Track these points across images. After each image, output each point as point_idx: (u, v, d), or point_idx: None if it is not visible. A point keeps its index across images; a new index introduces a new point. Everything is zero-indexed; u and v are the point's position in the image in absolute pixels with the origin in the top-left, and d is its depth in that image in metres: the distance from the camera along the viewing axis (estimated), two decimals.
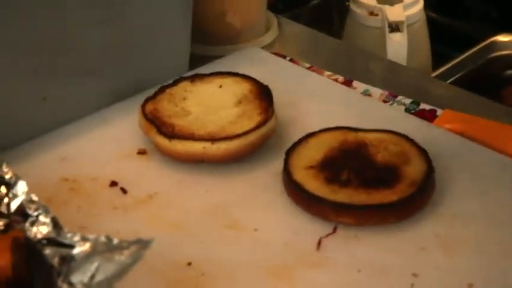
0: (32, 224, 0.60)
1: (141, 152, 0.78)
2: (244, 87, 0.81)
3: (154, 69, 0.88)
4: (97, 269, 0.53)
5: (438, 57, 1.23)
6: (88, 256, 0.55)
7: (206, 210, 0.71)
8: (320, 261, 0.65)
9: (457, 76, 1.18)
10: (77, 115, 0.82)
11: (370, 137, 0.75)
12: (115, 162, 0.77)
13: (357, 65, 1.01)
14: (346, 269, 0.64)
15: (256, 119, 0.76)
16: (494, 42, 1.25)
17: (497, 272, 0.64)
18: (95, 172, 0.75)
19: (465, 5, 1.40)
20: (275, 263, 0.65)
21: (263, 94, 0.80)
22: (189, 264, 0.65)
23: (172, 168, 0.76)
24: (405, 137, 0.75)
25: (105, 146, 0.79)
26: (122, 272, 0.52)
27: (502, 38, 1.26)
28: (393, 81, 0.94)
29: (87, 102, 0.83)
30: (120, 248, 0.54)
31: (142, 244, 0.53)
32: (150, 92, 0.84)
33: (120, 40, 0.84)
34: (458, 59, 1.21)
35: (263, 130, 0.75)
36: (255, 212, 0.71)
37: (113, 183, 0.74)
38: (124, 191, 0.73)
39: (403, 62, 1.08)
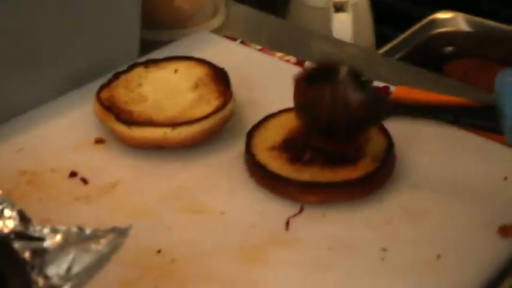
0: None
1: (99, 141, 0.77)
2: (199, 71, 0.81)
3: (105, 55, 0.87)
4: (73, 260, 0.52)
5: (379, 37, 1.24)
6: (61, 248, 0.54)
7: (171, 196, 0.70)
8: (290, 241, 0.65)
9: (400, 54, 1.20)
10: (30, 105, 0.80)
11: None
12: (73, 152, 0.75)
13: (305, 45, 1.01)
14: (317, 248, 0.65)
15: (215, 102, 0.76)
16: (434, 20, 1.27)
17: (463, 242, 0.65)
18: (53, 163, 0.74)
19: None
20: (245, 245, 0.65)
21: (219, 77, 0.79)
22: (159, 251, 0.64)
23: (131, 156, 0.75)
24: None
25: (62, 135, 0.78)
26: (102, 261, 0.51)
27: (441, 15, 1.28)
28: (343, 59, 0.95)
29: (41, 91, 0.81)
30: (95, 237, 0.53)
31: (119, 232, 0.52)
32: (103, 79, 0.83)
33: (71, 26, 0.83)
34: (400, 38, 1.23)
35: (223, 113, 0.75)
36: (220, 196, 0.70)
37: (73, 174, 0.72)
38: (85, 181, 0.72)
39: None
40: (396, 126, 0.74)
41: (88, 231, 0.55)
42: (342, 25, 1.12)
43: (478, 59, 1.26)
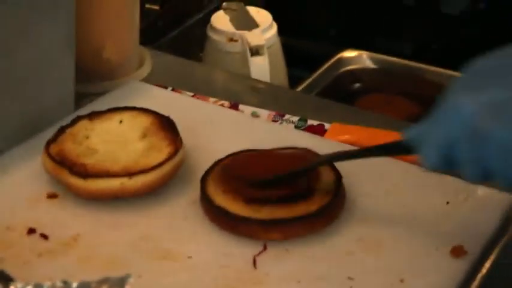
0: None
1: (52, 196, 0.76)
2: (144, 120, 0.82)
3: (41, 110, 0.87)
4: None
5: (291, 79, 1.29)
6: None
7: (135, 245, 0.71)
8: (260, 278, 0.67)
9: (313, 93, 1.25)
10: None
11: (276, 155, 0.79)
12: (26, 209, 0.75)
13: (233, 88, 1.04)
14: (287, 282, 0.67)
15: (166, 149, 0.77)
16: (341, 59, 1.34)
17: (422, 265, 0.69)
18: (7, 221, 0.73)
19: (306, 27, 1.48)
20: (218, 286, 0.66)
21: (166, 125, 0.81)
22: None
23: (88, 208, 0.75)
24: (308, 151, 0.79)
25: (12, 193, 0.77)
26: None
27: (347, 54, 1.34)
28: (277, 101, 0.98)
29: None
30: None
31: (114, 282, 0.53)
32: (42, 135, 0.83)
33: (4, 82, 0.82)
34: (312, 78, 1.28)
35: (176, 160, 0.77)
36: (183, 241, 0.72)
37: (31, 231, 0.72)
38: (45, 236, 0.71)
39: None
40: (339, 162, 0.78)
41: (75, 284, 0.56)
42: (260, 68, 1.16)
43: (383, 93, 1.33)
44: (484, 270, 0.70)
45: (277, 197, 0.73)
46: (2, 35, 0.79)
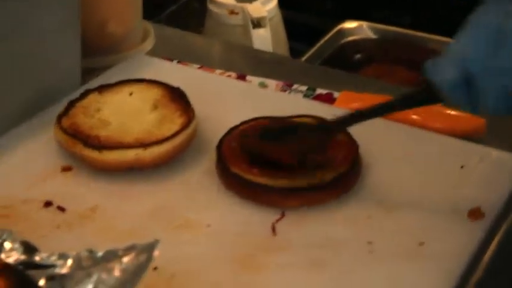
0: None
1: (66, 169, 0.76)
2: (154, 92, 0.81)
3: (49, 85, 0.86)
4: (98, 282, 0.52)
5: (292, 52, 1.29)
6: (79, 271, 0.54)
7: (153, 214, 0.71)
8: (280, 244, 0.67)
9: (315, 65, 1.24)
10: None
11: (290, 123, 0.78)
12: (42, 183, 0.75)
13: (238, 59, 1.04)
14: (308, 248, 0.67)
15: (179, 120, 0.77)
16: (341, 30, 1.33)
17: (440, 228, 0.69)
18: (24, 195, 0.73)
19: (304, 0, 1.48)
20: (239, 254, 0.66)
21: (177, 96, 0.81)
22: (155, 268, 0.64)
23: (103, 180, 0.75)
24: (321, 119, 0.79)
25: (25, 168, 0.77)
26: (133, 277, 0.51)
27: (347, 25, 1.34)
28: (283, 71, 0.98)
29: None
30: (115, 256, 0.53)
31: (142, 248, 0.53)
32: (50, 109, 0.83)
33: (12, 58, 0.82)
34: (313, 50, 1.28)
35: (189, 130, 0.76)
36: (201, 209, 0.72)
37: (48, 203, 0.72)
38: (62, 209, 0.71)
39: None
40: (353, 129, 0.78)
41: (100, 253, 0.55)
42: (262, 39, 1.16)
43: (385, 63, 1.33)
44: (501, 231, 0.70)
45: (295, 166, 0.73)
46: (7, 12, 0.78)
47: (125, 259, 0.53)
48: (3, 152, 0.78)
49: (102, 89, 0.82)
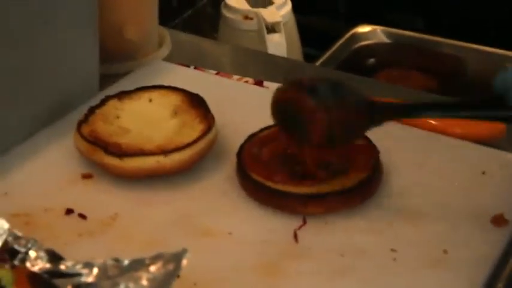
0: (22, 260, 0.57)
1: (87, 176, 0.76)
2: (174, 99, 0.81)
3: (67, 93, 0.86)
4: None
5: (305, 57, 1.28)
6: (106, 280, 0.54)
7: (174, 222, 0.71)
8: (302, 252, 0.67)
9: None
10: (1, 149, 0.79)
11: None
12: (62, 190, 0.74)
13: (254, 65, 1.03)
14: (330, 255, 0.67)
15: (199, 126, 0.77)
16: (355, 35, 1.33)
17: (464, 235, 0.69)
18: (45, 203, 0.73)
19: (317, 4, 1.47)
20: (261, 261, 0.66)
21: (196, 103, 0.80)
22: (178, 277, 0.64)
23: (124, 188, 0.75)
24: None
25: (45, 175, 0.76)
26: (162, 287, 0.51)
27: (361, 29, 1.34)
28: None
29: (9, 134, 0.80)
30: (142, 265, 0.53)
31: (169, 257, 0.53)
32: (69, 116, 0.83)
33: (31, 66, 0.82)
34: (326, 55, 1.28)
35: (210, 136, 0.76)
36: (223, 217, 0.71)
37: (69, 211, 0.72)
38: (83, 216, 0.71)
39: None
40: (373, 135, 0.78)
41: (126, 261, 0.55)
42: (276, 45, 1.16)
43: (398, 68, 1.33)
44: None
45: (315, 173, 0.72)
46: (25, 19, 0.78)
47: (152, 268, 0.53)
48: (23, 160, 0.78)
49: (121, 95, 0.82)
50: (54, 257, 0.57)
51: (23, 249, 0.58)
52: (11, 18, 0.77)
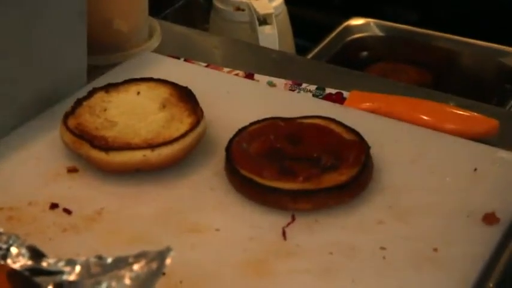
0: (3, 257, 0.56)
1: (72, 170, 0.75)
2: (163, 91, 0.80)
3: (55, 83, 0.85)
4: None
5: (297, 49, 1.27)
6: (88, 278, 0.52)
7: (160, 218, 0.69)
8: (291, 250, 0.66)
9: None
10: None
11: (300, 124, 0.77)
12: (47, 184, 0.73)
13: (244, 57, 1.02)
14: (319, 254, 0.66)
15: (188, 120, 0.76)
16: (348, 27, 1.32)
17: (454, 233, 0.68)
18: (29, 197, 0.71)
19: None
20: (249, 259, 0.65)
21: (185, 96, 0.79)
22: (164, 274, 0.63)
23: (110, 182, 0.73)
24: (333, 120, 0.77)
25: (30, 168, 0.75)
26: (144, 286, 0.50)
27: (354, 22, 1.32)
28: (291, 70, 0.97)
29: None
30: (124, 264, 0.52)
31: (153, 256, 0.51)
32: (55, 108, 0.82)
33: (18, 57, 0.80)
34: (319, 47, 1.26)
35: (198, 130, 0.75)
36: (210, 213, 0.70)
37: (54, 205, 0.70)
38: (68, 211, 0.70)
39: None
40: (360, 130, 0.77)
41: (110, 259, 0.54)
42: (268, 37, 1.14)
43: (391, 61, 1.32)
44: None
45: (306, 168, 0.71)
46: (12, 10, 0.77)
47: (136, 267, 0.51)
48: (9, 152, 0.77)
49: (109, 87, 0.81)
50: (36, 254, 0.55)
51: (4, 246, 0.56)
52: None
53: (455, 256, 0.65)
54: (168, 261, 0.51)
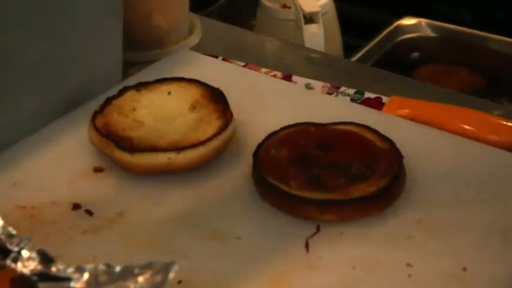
0: (15, 260, 0.55)
1: (98, 170, 0.74)
2: (194, 92, 0.78)
3: (89, 80, 0.84)
4: None
5: (346, 48, 1.24)
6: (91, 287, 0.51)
7: (182, 223, 0.68)
8: (313, 263, 0.64)
9: (369, 63, 1.20)
10: (17, 137, 0.77)
11: (332, 130, 0.75)
12: (72, 183, 0.72)
13: (286, 58, 1.00)
14: (342, 268, 0.63)
15: (216, 123, 0.74)
16: (399, 27, 1.28)
17: (487, 252, 0.64)
18: (53, 196, 0.70)
19: None
20: (269, 270, 0.63)
21: (216, 97, 0.77)
22: (180, 282, 0.62)
23: (134, 184, 0.72)
24: (367, 127, 0.75)
25: (57, 166, 0.74)
26: None
27: (405, 21, 1.29)
28: (332, 72, 0.94)
29: (26, 121, 0.78)
30: (131, 274, 0.51)
31: (158, 268, 0.50)
32: (89, 104, 0.81)
33: (54, 53, 0.79)
34: (368, 47, 1.23)
35: (226, 134, 0.73)
36: (233, 219, 0.68)
37: (76, 206, 0.69)
38: (89, 212, 0.69)
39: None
40: (396, 138, 0.74)
41: (118, 268, 0.53)
42: (314, 36, 1.12)
43: (443, 63, 1.28)
44: None
45: (334, 178, 0.69)
46: (47, 6, 0.76)
47: (140, 278, 0.50)
48: (38, 148, 0.76)
49: (140, 86, 0.80)
50: (46, 259, 0.54)
51: (15, 248, 0.56)
52: (32, 5, 0.75)
53: (485, 277, 0.62)
54: (171, 275, 0.49)
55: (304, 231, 0.67)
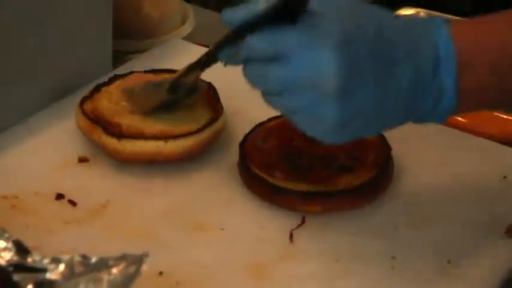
0: None
1: (83, 160, 0.73)
2: None
3: (79, 69, 0.84)
4: None
5: None
6: (67, 279, 0.51)
7: (166, 213, 0.67)
8: (296, 254, 0.63)
9: None
10: (2, 125, 0.76)
11: None
12: (56, 173, 0.72)
13: None
14: (324, 260, 0.62)
15: (207, 115, 0.73)
16: None
17: (472, 245, 0.64)
18: (36, 186, 0.70)
19: None
20: (251, 261, 0.62)
21: (206, 89, 0.76)
22: (161, 273, 0.61)
23: (120, 173, 0.72)
24: None
25: (41, 156, 0.74)
26: None
27: (404, 12, 1.27)
28: None
29: (14, 110, 0.77)
30: (105, 266, 0.50)
31: (132, 259, 0.49)
32: (77, 94, 0.80)
33: (44, 42, 0.79)
34: None
35: (217, 125, 0.72)
36: (218, 210, 0.68)
37: (59, 196, 0.69)
38: (73, 203, 0.68)
39: None
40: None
41: (94, 259, 0.52)
42: None
43: None
44: None
45: (320, 170, 0.68)
46: None
47: (114, 270, 0.49)
48: (23, 138, 0.76)
49: (130, 75, 0.79)
50: (22, 249, 0.54)
51: None
52: None
53: (469, 270, 0.61)
54: (144, 267, 0.48)
55: (289, 222, 0.66)
